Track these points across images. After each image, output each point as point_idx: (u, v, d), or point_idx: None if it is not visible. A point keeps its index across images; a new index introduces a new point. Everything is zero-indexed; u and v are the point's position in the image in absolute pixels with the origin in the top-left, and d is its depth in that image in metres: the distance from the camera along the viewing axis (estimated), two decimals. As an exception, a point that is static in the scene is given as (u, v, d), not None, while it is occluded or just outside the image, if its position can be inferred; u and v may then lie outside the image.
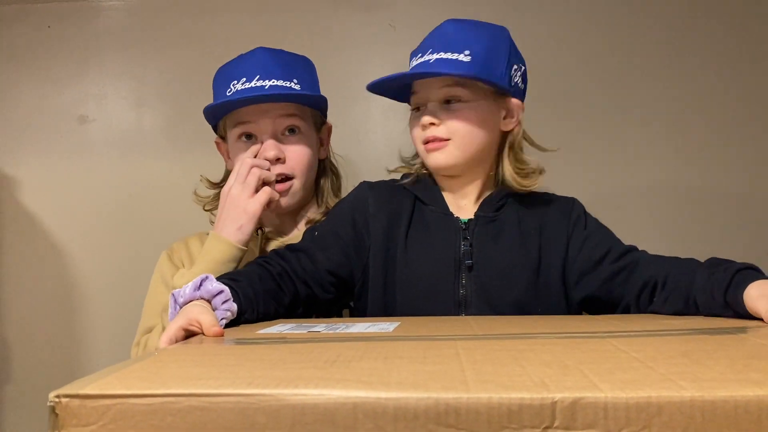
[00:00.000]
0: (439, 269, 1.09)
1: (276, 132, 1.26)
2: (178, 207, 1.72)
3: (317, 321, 0.96)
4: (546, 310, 1.09)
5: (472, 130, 1.09)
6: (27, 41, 1.84)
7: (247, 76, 1.24)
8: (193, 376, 0.55)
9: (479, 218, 1.12)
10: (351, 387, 0.50)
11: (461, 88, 1.09)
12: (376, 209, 1.13)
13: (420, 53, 1.11)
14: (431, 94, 1.10)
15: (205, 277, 0.89)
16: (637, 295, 1.03)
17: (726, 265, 0.92)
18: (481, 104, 1.10)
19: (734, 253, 1.65)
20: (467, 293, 1.08)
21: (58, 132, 1.83)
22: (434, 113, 1.10)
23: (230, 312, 0.88)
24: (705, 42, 1.74)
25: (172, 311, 0.88)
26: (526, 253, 1.10)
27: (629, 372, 0.53)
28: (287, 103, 1.26)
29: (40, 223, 1.82)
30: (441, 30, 1.12)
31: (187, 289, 0.87)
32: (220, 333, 0.79)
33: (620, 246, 1.10)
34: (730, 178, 1.74)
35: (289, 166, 1.26)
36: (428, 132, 1.10)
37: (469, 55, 1.06)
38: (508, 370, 0.55)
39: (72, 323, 1.81)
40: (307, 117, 1.29)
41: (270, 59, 1.27)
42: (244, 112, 1.25)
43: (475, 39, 1.08)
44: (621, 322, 0.84)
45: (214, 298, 0.87)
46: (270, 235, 1.30)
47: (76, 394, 0.50)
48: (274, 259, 1.05)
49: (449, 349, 0.64)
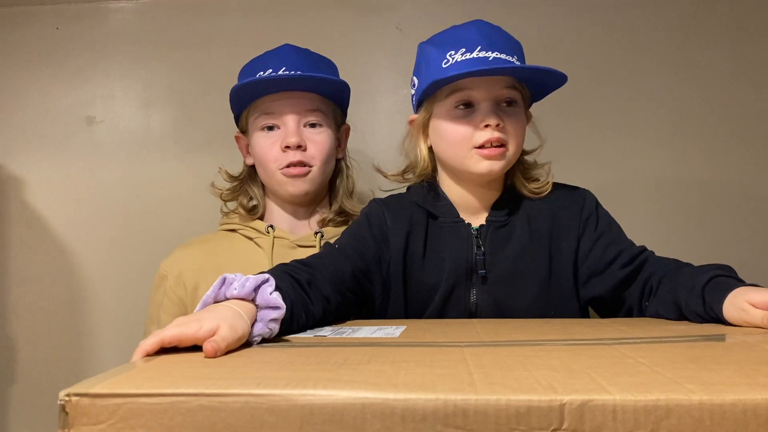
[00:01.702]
0: (452, 279, 1.08)
1: (299, 123, 1.27)
2: (185, 208, 1.73)
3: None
4: (558, 312, 1.07)
5: (522, 136, 1.08)
6: (35, 42, 1.85)
7: (273, 67, 1.26)
8: (202, 376, 0.55)
9: (491, 223, 1.11)
10: (359, 388, 0.50)
11: (517, 92, 1.07)
12: (393, 223, 1.11)
13: (464, 48, 1.04)
14: (492, 92, 1.05)
15: (266, 279, 0.79)
16: (638, 299, 1.03)
17: (693, 280, 0.90)
18: (524, 110, 1.10)
19: (739, 248, 1.66)
20: (479, 301, 1.08)
21: (66, 133, 1.84)
22: (497, 114, 1.04)
23: (272, 333, 0.76)
24: (712, 37, 1.74)
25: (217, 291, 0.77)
26: (537, 256, 1.09)
27: (637, 376, 0.53)
28: (313, 97, 1.27)
29: (47, 223, 1.83)
30: (481, 29, 1.06)
31: (243, 288, 0.76)
32: (211, 355, 0.64)
33: (631, 248, 1.08)
34: (736, 174, 1.73)
35: (309, 155, 1.27)
36: (490, 134, 1.03)
37: (518, 60, 1.06)
38: (515, 373, 0.55)
39: (78, 324, 1.82)
40: (329, 114, 1.31)
41: (296, 53, 1.30)
42: (269, 102, 1.27)
43: (516, 45, 1.08)
44: (627, 328, 0.84)
45: (262, 310, 0.76)
46: (279, 234, 1.30)
47: (86, 393, 0.50)
48: (299, 267, 0.95)
49: (456, 355, 0.64)
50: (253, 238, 1.31)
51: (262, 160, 1.29)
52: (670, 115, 1.75)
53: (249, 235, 1.31)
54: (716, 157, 1.74)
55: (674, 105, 1.75)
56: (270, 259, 1.26)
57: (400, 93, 1.78)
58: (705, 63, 1.74)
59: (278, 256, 1.26)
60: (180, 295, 1.29)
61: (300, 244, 1.29)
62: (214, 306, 0.74)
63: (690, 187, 1.74)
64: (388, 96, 1.80)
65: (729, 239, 1.70)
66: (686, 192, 1.74)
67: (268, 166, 1.28)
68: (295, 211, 1.34)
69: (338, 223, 1.35)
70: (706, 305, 0.86)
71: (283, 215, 1.34)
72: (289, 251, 1.28)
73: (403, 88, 1.79)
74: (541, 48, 1.16)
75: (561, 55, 1.73)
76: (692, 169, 1.74)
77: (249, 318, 0.74)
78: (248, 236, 1.32)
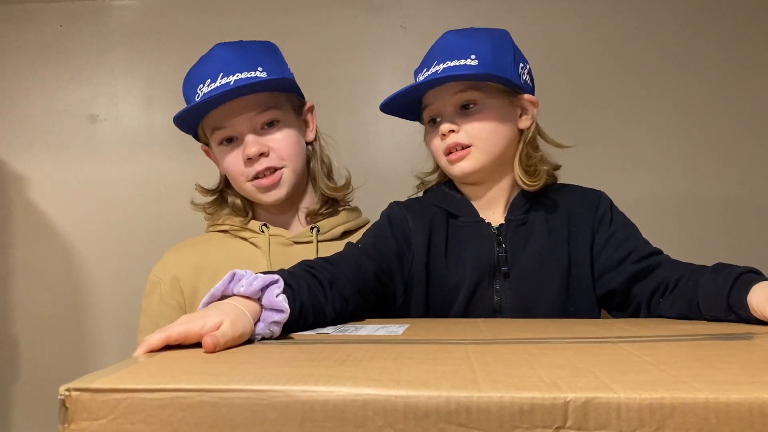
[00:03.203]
0: (475, 278, 1.08)
1: (255, 128, 1.22)
2: (187, 206, 1.72)
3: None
4: (578, 308, 1.09)
5: (492, 131, 1.08)
6: (39, 40, 1.85)
7: (210, 77, 1.20)
8: (203, 371, 0.55)
9: (510, 222, 1.11)
10: (361, 384, 0.50)
11: (475, 92, 1.08)
12: (414, 224, 1.12)
13: (425, 67, 1.10)
14: (446, 102, 1.09)
15: (275, 279, 0.79)
16: (649, 296, 1.03)
17: (729, 270, 0.91)
18: (496, 104, 1.09)
19: (737, 258, 1.66)
20: (502, 299, 1.08)
21: (69, 131, 1.84)
22: (452, 120, 1.09)
23: (273, 335, 0.76)
24: (710, 49, 1.74)
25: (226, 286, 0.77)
26: (557, 252, 1.10)
27: (642, 374, 0.53)
28: (259, 97, 1.22)
29: (50, 221, 1.83)
30: (442, 41, 1.11)
31: (250, 287, 0.76)
32: (210, 349, 0.64)
33: (644, 247, 1.08)
34: (733, 184, 1.73)
35: (276, 157, 1.23)
36: (449, 140, 1.08)
37: (476, 59, 1.06)
38: (519, 371, 0.54)
39: (81, 322, 1.82)
40: (283, 103, 1.26)
41: (229, 54, 1.23)
42: (217, 116, 1.22)
43: (478, 43, 1.08)
44: (632, 327, 0.84)
45: (266, 311, 0.76)
46: (274, 231, 1.28)
47: (86, 388, 0.50)
48: (322, 266, 0.96)
49: (460, 352, 0.64)
50: (248, 238, 1.28)
51: (231, 175, 1.26)
52: (667, 128, 1.75)
53: (243, 235, 1.29)
54: (712, 168, 1.74)
55: (671, 117, 1.75)
56: (267, 258, 1.24)
57: (404, 92, 1.78)
58: (703, 75, 1.74)
59: (276, 253, 1.25)
60: (178, 300, 1.25)
61: (296, 241, 1.27)
62: (219, 303, 0.75)
63: (684, 198, 1.74)
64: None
65: (727, 250, 1.70)
66: (681, 203, 1.74)
67: (236, 180, 1.25)
68: (282, 208, 1.31)
69: (327, 215, 1.32)
70: (731, 295, 0.86)
71: (274, 215, 1.32)
72: (286, 249, 1.26)
73: (407, 87, 1.79)
74: (547, 49, 1.15)
75: (564, 57, 1.73)
76: (687, 180, 1.74)
77: (253, 317, 0.74)
78: (243, 237, 1.29)
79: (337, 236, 1.29)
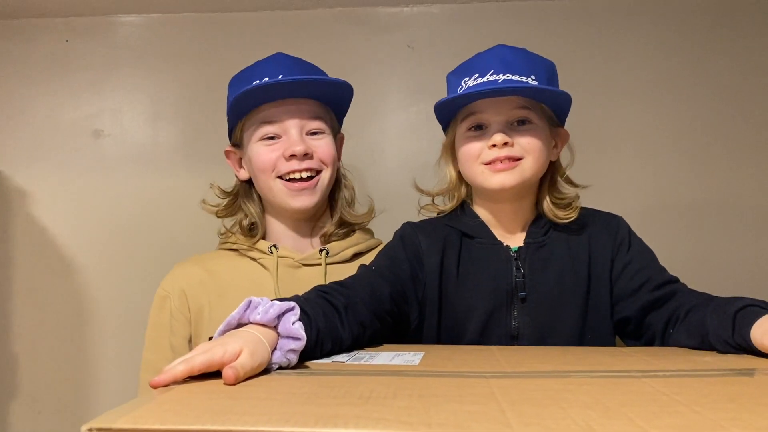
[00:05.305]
0: (493, 302, 1.07)
1: (302, 131, 1.23)
2: (192, 222, 1.71)
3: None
4: (595, 335, 1.08)
5: (543, 150, 1.07)
6: (44, 55, 1.84)
7: (269, 75, 1.21)
8: (226, 410, 0.53)
9: (529, 245, 1.10)
10: (392, 427, 0.48)
11: (531, 111, 1.07)
12: (427, 245, 1.11)
13: (476, 73, 1.07)
14: (501, 114, 1.07)
15: (291, 307, 0.79)
16: (663, 328, 1.02)
17: (726, 307, 0.89)
18: (545, 129, 1.09)
19: (741, 263, 1.65)
20: (520, 325, 1.07)
21: (73, 146, 1.82)
22: (506, 132, 1.06)
23: (289, 363, 0.75)
24: (718, 55, 1.75)
25: (243, 312, 0.76)
26: (576, 277, 1.09)
27: (675, 417, 0.52)
28: (314, 104, 1.24)
29: (53, 237, 1.81)
30: (500, 53, 1.09)
31: (266, 315, 0.76)
32: (231, 382, 0.64)
33: (660, 276, 1.08)
34: (738, 190, 1.73)
35: (317, 161, 1.23)
36: (500, 152, 1.05)
37: (536, 80, 1.06)
38: (549, 412, 0.53)
39: (83, 338, 1.80)
40: (329, 121, 1.28)
41: (291, 60, 1.25)
42: (270, 110, 1.22)
43: (537, 66, 1.08)
44: (650, 359, 0.83)
45: (283, 339, 0.76)
46: (283, 253, 1.26)
47: (108, 428, 0.48)
48: (336, 290, 0.96)
49: (483, 388, 0.63)
50: (257, 259, 1.27)
51: (262, 168, 1.23)
52: (669, 136, 1.75)
53: (252, 255, 1.27)
54: (716, 175, 1.74)
55: (674, 126, 1.75)
56: (275, 280, 1.23)
57: (410, 111, 1.78)
58: (709, 83, 1.74)
59: (283, 276, 1.23)
60: (185, 314, 1.24)
61: (305, 263, 1.25)
62: (237, 331, 0.74)
63: (689, 205, 1.74)
64: (399, 114, 1.79)
65: (731, 256, 1.69)
66: (685, 210, 1.73)
67: (266, 173, 1.23)
68: (298, 227, 1.29)
69: (341, 236, 1.31)
70: (735, 330, 0.85)
71: (286, 233, 1.30)
72: (294, 271, 1.25)
73: (414, 106, 1.79)
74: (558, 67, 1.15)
75: (575, 74, 1.73)
76: (689, 188, 1.74)
77: (270, 345, 0.74)
78: (252, 257, 1.27)
79: (347, 258, 1.28)
